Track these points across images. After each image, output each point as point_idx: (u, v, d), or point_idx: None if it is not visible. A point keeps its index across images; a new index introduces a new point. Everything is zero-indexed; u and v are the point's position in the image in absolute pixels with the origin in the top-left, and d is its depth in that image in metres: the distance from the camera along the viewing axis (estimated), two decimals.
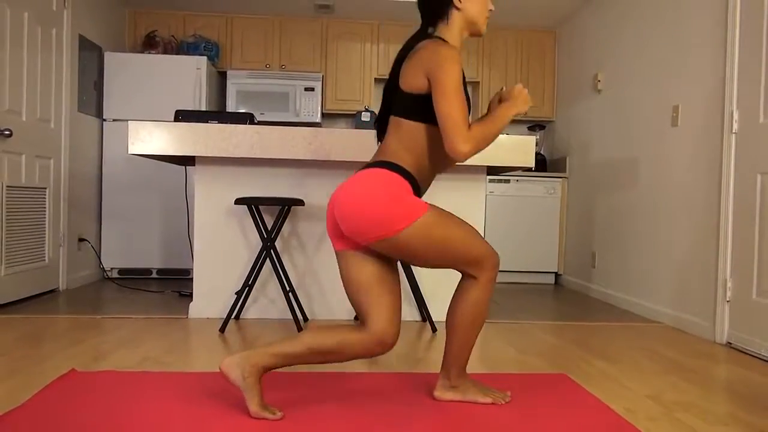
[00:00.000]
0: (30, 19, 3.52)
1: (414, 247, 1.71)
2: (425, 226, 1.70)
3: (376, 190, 1.69)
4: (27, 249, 3.55)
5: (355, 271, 1.78)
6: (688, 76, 3.31)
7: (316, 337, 1.72)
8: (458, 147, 1.66)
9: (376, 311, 1.74)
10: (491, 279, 1.82)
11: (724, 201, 2.94)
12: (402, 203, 1.69)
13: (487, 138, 1.72)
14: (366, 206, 1.68)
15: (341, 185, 1.78)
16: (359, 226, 1.70)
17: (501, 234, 4.94)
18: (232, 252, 3.21)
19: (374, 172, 1.74)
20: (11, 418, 1.67)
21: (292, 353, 1.72)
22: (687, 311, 3.24)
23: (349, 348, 1.72)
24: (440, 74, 1.68)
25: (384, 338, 1.73)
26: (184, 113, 3.12)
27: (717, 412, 1.93)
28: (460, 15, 1.84)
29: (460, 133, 1.66)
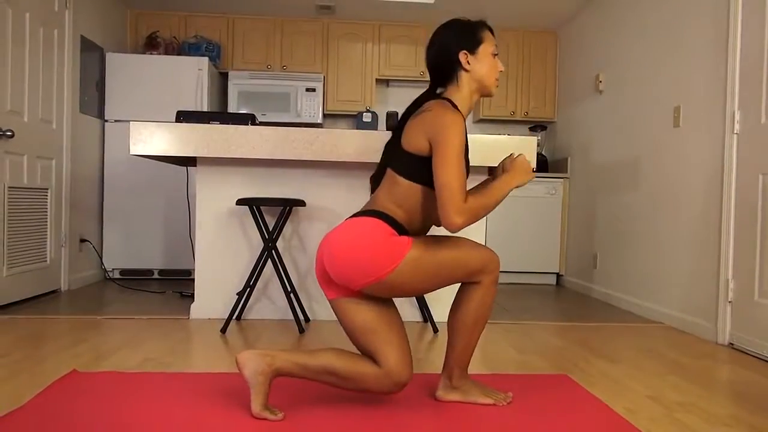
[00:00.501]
0: (32, 19, 3.52)
1: (407, 283, 1.71)
2: (412, 261, 1.70)
3: (360, 237, 1.70)
4: (29, 249, 3.55)
5: (353, 318, 1.77)
6: (689, 76, 3.31)
7: (335, 358, 1.72)
8: (452, 218, 1.65)
9: (385, 352, 1.73)
10: (494, 280, 1.82)
11: (726, 201, 2.94)
12: (385, 246, 1.69)
13: (482, 210, 1.71)
14: (352, 253, 1.69)
15: (329, 234, 1.79)
16: (348, 273, 1.70)
17: (502, 234, 4.94)
18: (234, 252, 3.21)
19: (360, 220, 1.75)
20: (12, 419, 1.68)
21: (308, 366, 1.71)
22: (689, 312, 3.24)
23: (363, 380, 1.72)
24: (442, 141, 1.68)
25: (397, 377, 1.72)
26: (185, 114, 3.12)
27: (718, 412, 1.93)
28: (469, 76, 1.84)
29: (455, 205, 1.65)
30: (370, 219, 1.75)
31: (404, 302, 3.28)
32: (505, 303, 3.98)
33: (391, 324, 1.77)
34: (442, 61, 1.84)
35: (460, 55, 1.82)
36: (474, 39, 1.83)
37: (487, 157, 2.94)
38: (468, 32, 1.84)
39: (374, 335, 1.75)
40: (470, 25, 1.85)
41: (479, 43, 1.84)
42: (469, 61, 1.82)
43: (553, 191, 4.96)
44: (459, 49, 1.82)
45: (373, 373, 1.72)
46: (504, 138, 2.94)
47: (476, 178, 3.28)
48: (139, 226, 4.58)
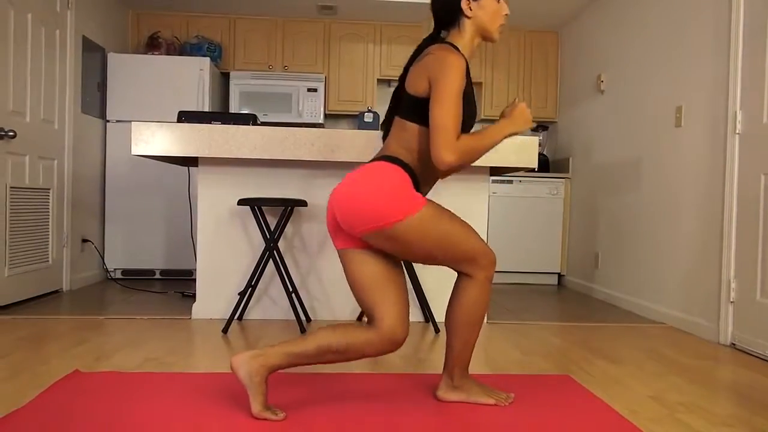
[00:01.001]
0: (34, 20, 3.53)
1: (409, 241, 1.70)
2: (422, 220, 1.70)
3: (375, 182, 1.70)
4: (30, 250, 3.56)
5: (358, 271, 1.78)
6: (691, 76, 3.31)
7: (326, 336, 1.72)
8: (442, 155, 1.65)
9: (383, 310, 1.73)
10: (488, 278, 1.82)
11: (728, 201, 2.94)
12: (400, 196, 1.69)
13: (474, 152, 1.70)
14: (365, 196, 1.69)
15: (346, 176, 1.78)
16: (356, 216, 1.70)
17: (504, 234, 4.93)
18: (235, 253, 3.21)
19: (375, 165, 1.75)
20: (15, 419, 1.68)
21: (301, 353, 1.71)
22: (690, 312, 3.23)
23: (358, 347, 1.72)
24: (440, 80, 1.68)
25: (393, 337, 1.72)
26: (187, 114, 3.13)
27: (720, 413, 1.92)
28: (471, 22, 1.83)
29: (447, 142, 1.65)
30: (390, 165, 1.74)
31: None
32: (506, 303, 3.98)
33: (392, 281, 1.77)
34: (444, 7, 1.84)
35: (462, 2, 1.81)
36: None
37: (488, 157, 2.94)
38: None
39: (375, 290, 1.75)
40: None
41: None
42: (471, 8, 1.81)
43: (554, 191, 4.96)
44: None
45: (367, 337, 1.72)
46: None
47: (476, 179, 3.28)
48: (140, 227, 4.59)
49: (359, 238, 1.76)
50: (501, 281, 5.02)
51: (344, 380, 2.13)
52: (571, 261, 4.91)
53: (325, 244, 3.26)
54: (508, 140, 2.94)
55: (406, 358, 2.49)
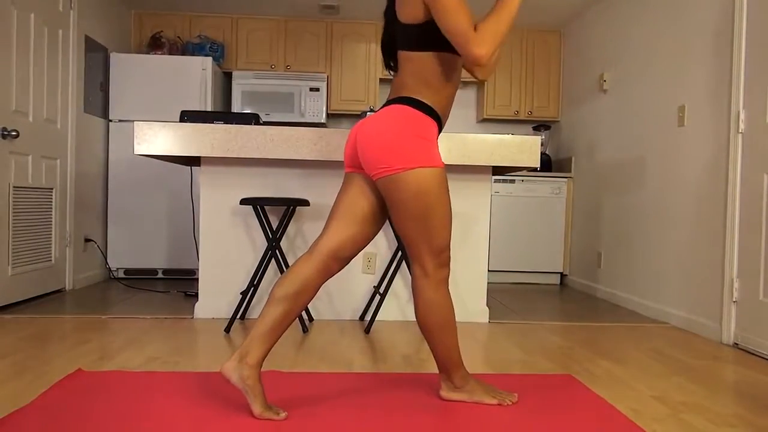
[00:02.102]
0: (36, 20, 3.53)
1: (402, 196, 1.72)
2: (431, 178, 1.72)
3: (403, 125, 1.72)
4: (33, 249, 3.56)
5: (346, 194, 1.85)
6: (694, 75, 3.30)
7: (282, 287, 1.76)
8: (475, 51, 1.62)
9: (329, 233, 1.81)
10: (444, 279, 1.82)
11: (731, 201, 2.93)
12: (424, 146, 1.72)
13: (498, 32, 1.66)
14: (390, 136, 1.72)
15: (367, 117, 1.80)
16: (376, 153, 1.73)
17: (506, 234, 4.93)
18: (238, 252, 3.22)
19: (401, 108, 1.75)
20: (18, 418, 1.68)
21: (273, 320, 1.74)
22: (694, 312, 3.23)
23: (311, 280, 1.78)
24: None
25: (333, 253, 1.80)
26: (189, 114, 3.13)
27: (723, 413, 1.92)
28: None
29: (472, 40, 1.62)
30: (414, 111, 1.74)
31: (407, 302, 3.28)
32: (509, 303, 3.98)
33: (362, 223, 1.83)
34: None
35: None
36: None
37: (491, 156, 2.93)
38: None
39: (342, 217, 1.83)
40: None
41: None
42: None
43: (557, 191, 4.95)
44: None
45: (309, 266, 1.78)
46: (507, 137, 2.94)
47: (479, 178, 3.28)
48: (143, 226, 4.59)
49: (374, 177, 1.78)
50: (503, 281, 5.02)
51: (346, 379, 2.13)
52: (574, 260, 4.90)
53: None
54: (510, 140, 2.93)
55: (408, 357, 2.49)
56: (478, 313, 3.29)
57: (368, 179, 1.85)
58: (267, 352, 1.74)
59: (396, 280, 3.27)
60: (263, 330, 1.74)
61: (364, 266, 3.26)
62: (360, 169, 1.85)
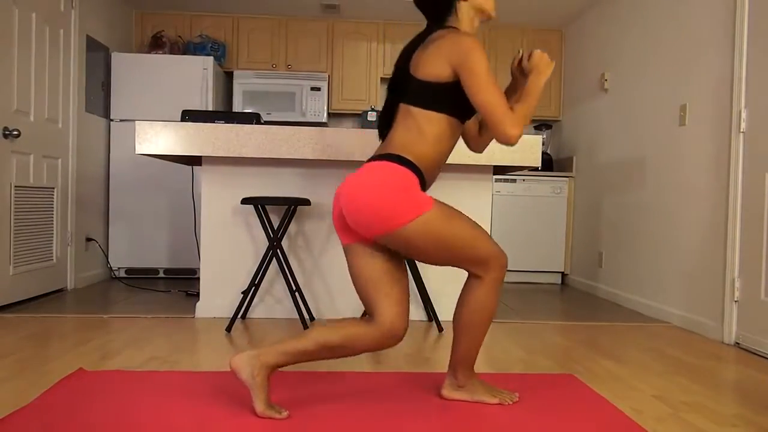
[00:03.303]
0: (38, 19, 3.53)
1: (417, 243, 1.70)
2: (430, 222, 1.69)
3: (382, 183, 1.68)
4: (35, 249, 3.57)
5: (362, 265, 1.78)
6: (695, 75, 3.30)
7: (324, 332, 1.72)
8: (509, 132, 1.65)
9: (384, 305, 1.74)
10: (498, 279, 1.81)
11: (732, 200, 2.93)
12: (407, 198, 1.68)
13: (528, 116, 1.72)
14: (371, 199, 1.67)
15: (348, 177, 1.77)
16: (364, 218, 1.69)
17: (507, 233, 4.93)
18: (239, 252, 3.22)
19: (381, 164, 1.72)
20: (19, 417, 1.68)
21: (301, 350, 1.72)
22: (695, 311, 3.23)
23: (357, 342, 1.72)
24: (470, 64, 1.66)
25: (392, 331, 1.73)
26: (190, 113, 3.13)
27: (725, 412, 1.92)
28: (468, 5, 1.83)
29: (509, 119, 1.65)
30: (392, 165, 1.71)
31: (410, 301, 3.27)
32: (510, 302, 3.98)
33: (395, 278, 1.77)
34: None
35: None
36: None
37: (492, 156, 2.93)
38: None
39: (377, 286, 1.76)
40: None
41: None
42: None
43: (558, 190, 4.95)
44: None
45: (366, 332, 1.73)
46: None
47: (480, 178, 3.27)
48: (144, 225, 4.60)
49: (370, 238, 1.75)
50: (504, 280, 5.01)
51: (348, 379, 2.13)
52: (575, 260, 4.90)
53: (328, 242, 3.26)
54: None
55: (410, 356, 2.49)
56: None
57: (366, 242, 1.78)
58: (283, 366, 1.74)
59: None
60: (291, 349, 1.72)
61: None
62: (352, 233, 1.79)
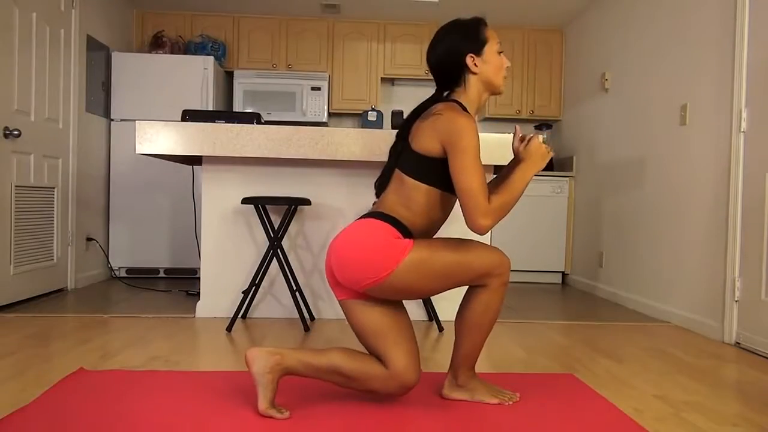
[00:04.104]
0: (38, 19, 3.53)
1: (409, 286, 1.71)
2: (413, 263, 1.69)
3: (362, 238, 1.71)
4: (35, 248, 3.57)
5: (362, 320, 1.78)
6: (696, 74, 3.30)
7: (342, 358, 1.73)
8: (479, 222, 1.65)
9: (394, 355, 1.74)
10: (502, 284, 1.80)
11: (733, 200, 2.93)
12: (385, 248, 1.69)
13: (506, 208, 1.70)
14: (354, 254, 1.70)
15: (338, 234, 1.79)
16: (352, 274, 1.71)
17: (508, 233, 4.93)
18: (239, 251, 3.22)
19: (366, 221, 1.75)
20: (19, 417, 1.68)
21: (315, 365, 1.72)
22: (695, 311, 3.23)
23: (368, 379, 1.73)
24: (457, 145, 1.67)
25: (405, 380, 1.73)
26: (191, 113, 3.13)
27: (725, 412, 1.92)
28: (477, 78, 1.83)
29: (481, 208, 1.65)
30: (375, 221, 1.75)
31: (409, 301, 3.27)
32: (511, 302, 3.98)
33: (399, 326, 1.77)
34: (449, 65, 1.82)
35: (467, 59, 1.80)
36: (479, 40, 1.81)
37: (492, 155, 2.93)
38: (472, 34, 1.81)
39: (382, 338, 1.75)
40: (473, 26, 1.83)
41: (484, 44, 1.81)
42: (476, 63, 1.80)
43: (558, 190, 4.95)
44: (465, 52, 1.80)
45: (379, 374, 1.73)
46: (509, 137, 2.93)
47: None
48: (145, 225, 4.60)
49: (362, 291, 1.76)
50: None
51: None
52: (576, 260, 4.90)
53: (328, 242, 3.26)
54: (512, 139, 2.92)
55: None
56: None
57: (360, 296, 1.78)
58: (296, 374, 1.74)
59: None
60: (307, 361, 1.72)
61: None
62: (345, 289, 1.79)
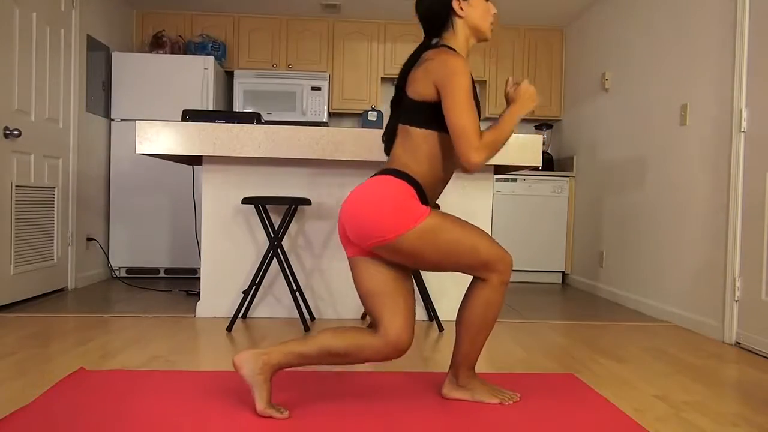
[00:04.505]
0: (38, 19, 3.53)
1: (415, 253, 1.71)
2: (426, 231, 1.70)
3: (379, 196, 1.71)
4: (36, 248, 3.57)
5: (367, 278, 1.78)
6: (696, 74, 3.29)
7: (330, 338, 1.73)
8: (471, 158, 1.68)
9: (389, 317, 1.74)
10: (503, 281, 1.81)
11: (733, 200, 2.93)
12: (403, 208, 1.70)
13: (497, 145, 1.73)
14: (368, 211, 1.71)
15: (352, 191, 1.79)
16: (362, 230, 1.72)
17: (508, 233, 4.93)
18: (240, 251, 3.22)
19: (380, 178, 1.76)
20: (20, 417, 1.68)
21: (305, 353, 1.72)
22: (696, 311, 3.22)
23: (361, 351, 1.73)
24: (450, 86, 1.70)
25: (398, 344, 1.73)
26: (191, 113, 3.13)
27: (726, 412, 1.92)
28: (463, 22, 1.85)
29: (472, 144, 1.68)
30: (393, 179, 1.75)
31: None
32: (511, 302, 3.97)
33: (400, 290, 1.77)
34: (436, 9, 1.85)
35: (453, 2, 1.82)
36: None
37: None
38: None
39: (380, 298, 1.76)
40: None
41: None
42: (462, 7, 1.83)
43: (559, 190, 4.95)
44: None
45: (372, 342, 1.73)
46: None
47: (480, 177, 3.27)
48: (145, 225, 4.60)
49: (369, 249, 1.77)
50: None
51: (348, 378, 2.13)
52: (576, 260, 4.90)
53: (329, 242, 3.26)
54: (512, 139, 2.93)
55: (411, 356, 2.49)
56: None
57: (369, 255, 1.79)
58: (288, 367, 1.74)
59: None
60: (297, 351, 1.72)
61: None
62: (355, 246, 1.81)
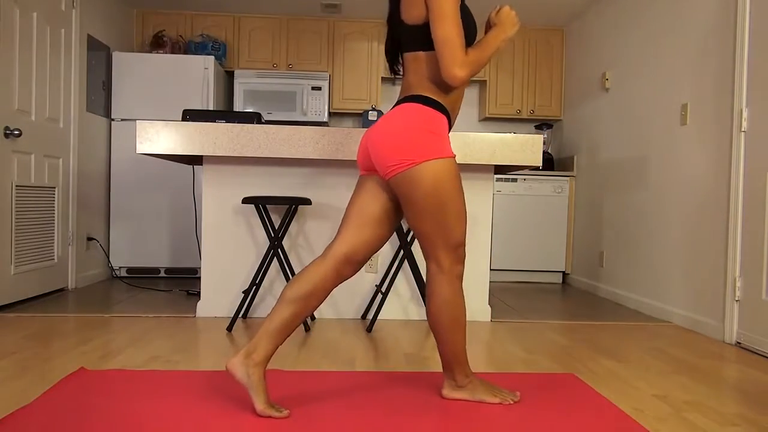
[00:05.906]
0: (39, 19, 3.54)
1: (419, 187, 1.72)
2: (441, 170, 1.72)
3: (412, 122, 1.73)
4: (36, 248, 3.57)
5: (361, 196, 1.86)
6: (696, 74, 3.29)
7: (293, 289, 1.76)
8: (455, 71, 1.67)
9: (347, 234, 1.82)
10: (459, 275, 1.82)
11: (734, 200, 2.93)
12: (432, 140, 1.72)
13: (481, 63, 1.74)
14: (402, 132, 1.73)
15: (381, 118, 1.82)
16: (386, 150, 1.73)
17: (508, 233, 4.93)
18: (240, 251, 3.22)
19: (409, 105, 1.77)
20: (20, 416, 1.69)
21: (281, 320, 1.74)
22: (696, 311, 3.22)
23: (325, 281, 1.79)
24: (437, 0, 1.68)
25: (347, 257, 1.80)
26: (191, 113, 3.13)
27: (726, 412, 1.92)
28: None
29: (456, 57, 1.67)
30: (421, 105, 1.75)
31: (410, 301, 3.28)
32: (511, 302, 3.97)
33: (375, 223, 1.83)
34: None
35: None
36: None
37: (493, 155, 2.93)
38: None
39: (356, 218, 1.83)
40: None
41: None
42: None
43: (559, 190, 4.94)
44: None
45: (325, 269, 1.79)
46: (510, 136, 2.93)
47: (481, 177, 3.27)
48: (145, 225, 4.60)
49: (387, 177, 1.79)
50: (505, 279, 5.01)
51: (348, 378, 2.13)
52: (576, 259, 4.90)
53: (329, 242, 3.26)
54: (512, 138, 2.93)
55: (410, 356, 2.49)
56: (480, 312, 3.29)
57: (380, 180, 1.85)
58: (273, 351, 1.75)
59: (398, 279, 3.27)
60: (271, 329, 1.74)
61: (366, 265, 3.26)
62: (373, 171, 1.87)
